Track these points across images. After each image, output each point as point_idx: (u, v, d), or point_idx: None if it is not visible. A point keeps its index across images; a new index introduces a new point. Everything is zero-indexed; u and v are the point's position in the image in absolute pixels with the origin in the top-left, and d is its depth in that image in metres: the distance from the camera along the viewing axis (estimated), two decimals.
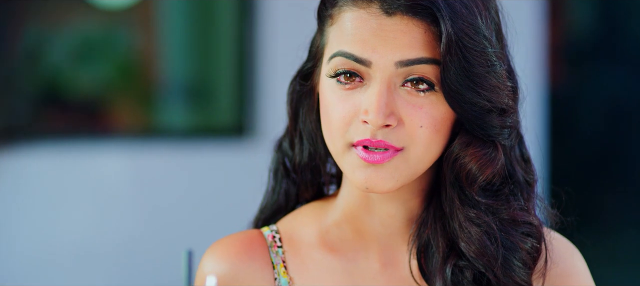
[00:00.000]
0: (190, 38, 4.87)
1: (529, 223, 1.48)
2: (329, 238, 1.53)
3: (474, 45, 1.41)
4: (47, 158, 4.39)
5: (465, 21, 1.40)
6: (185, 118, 4.83)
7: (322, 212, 1.56)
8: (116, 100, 4.76)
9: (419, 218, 1.51)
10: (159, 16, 4.85)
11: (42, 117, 4.62)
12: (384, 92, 1.40)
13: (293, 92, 1.56)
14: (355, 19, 1.42)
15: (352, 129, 1.42)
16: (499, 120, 1.45)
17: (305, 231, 1.55)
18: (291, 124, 1.57)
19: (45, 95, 4.65)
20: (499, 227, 1.46)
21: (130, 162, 4.51)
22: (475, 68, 1.41)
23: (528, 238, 1.47)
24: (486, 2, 1.46)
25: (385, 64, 1.40)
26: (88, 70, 4.74)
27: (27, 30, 4.64)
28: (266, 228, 1.57)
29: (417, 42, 1.40)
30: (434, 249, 1.49)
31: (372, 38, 1.41)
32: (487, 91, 1.42)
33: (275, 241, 1.54)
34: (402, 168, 1.43)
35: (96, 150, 4.48)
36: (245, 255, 1.51)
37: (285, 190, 1.60)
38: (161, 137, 4.65)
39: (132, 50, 4.88)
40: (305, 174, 1.58)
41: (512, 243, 1.46)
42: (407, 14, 1.40)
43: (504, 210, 1.47)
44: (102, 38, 4.83)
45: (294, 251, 1.53)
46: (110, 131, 4.66)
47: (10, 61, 4.59)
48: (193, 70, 4.88)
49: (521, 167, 1.53)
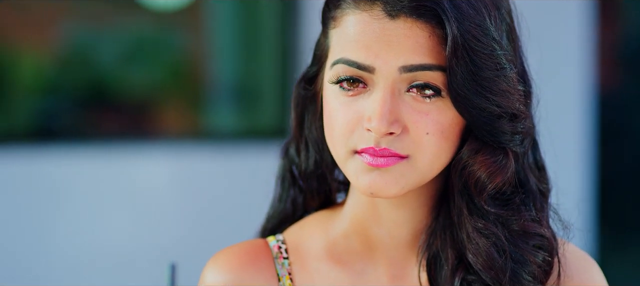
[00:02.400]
0: (237, 40, 4.86)
1: (540, 236, 1.42)
2: (337, 249, 1.49)
3: (482, 48, 1.35)
4: (93, 160, 4.41)
5: (472, 22, 1.34)
6: (232, 121, 4.83)
7: (329, 222, 1.51)
8: (164, 103, 4.78)
9: (428, 229, 1.46)
10: (208, 18, 4.86)
11: (89, 119, 4.65)
12: (388, 98, 1.35)
13: (297, 97, 1.51)
14: (357, 23, 1.37)
15: (356, 136, 1.38)
16: (509, 126, 1.39)
17: (312, 242, 1.50)
18: (296, 130, 1.53)
19: (94, 96, 4.67)
20: (509, 239, 1.40)
21: (176, 164, 4.51)
22: (484, 71, 1.35)
23: (539, 251, 1.42)
24: (496, 1, 1.40)
25: (388, 70, 1.35)
26: (137, 72, 4.76)
27: (77, 31, 4.67)
28: (272, 238, 1.52)
29: (422, 47, 1.35)
30: (443, 261, 1.44)
31: (375, 43, 1.36)
32: (496, 96, 1.36)
33: (281, 252, 1.50)
34: (408, 174, 1.38)
35: (142, 152, 4.49)
36: (249, 265, 1.47)
37: (292, 198, 1.56)
38: (208, 139, 4.65)
39: (182, 52, 4.89)
40: (311, 182, 1.53)
41: (522, 256, 1.41)
42: (411, 16, 1.35)
43: (514, 221, 1.42)
44: (152, 40, 4.85)
45: (301, 262, 1.49)
46: (158, 133, 4.67)
47: (60, 62, 4.63)
48: (240, 72, 4.88)
49: (534, 175, 1.47)
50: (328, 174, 1.52)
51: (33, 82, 4.58)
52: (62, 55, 4.64)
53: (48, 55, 4.63)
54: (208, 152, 4.55)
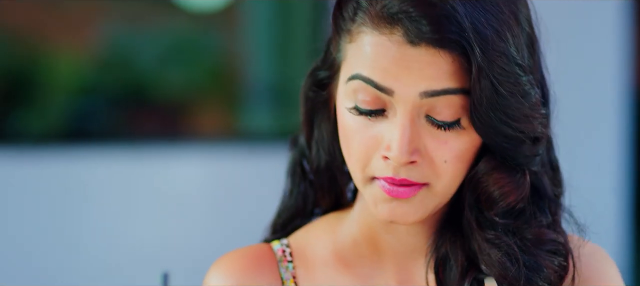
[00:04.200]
0: (274, 41, 4.87)
1: (554, 241, 1.39)
2: (344, 254, 1.46)
3: (507, 77, 1.29)
4: (128, 161, 4.43)
5: (496, 50, 1.29)
6: (268, 122, 4.83)
7: (337, 225, 1.48)
8: (201, 103, 4.79)
9: (437, 232, 1.43)
10: (244, 20, 4.86)
11: (125, 120, 4.68)
12: (408, 126, 1.30)
13: (307, 99, 1.47)
14: (375, 46, 1.30)
15: (374, 164, 1.33)
16: (531, 150, 1.36)
17: (319, 246, 1.47)
18: (307, 128, 1.49)
19: (130, 97, 4.70)
20: (522, 247, 1.37)
21: (211, 165, 4.52)
22: (508, 99, 1.30)
23: (554, 256, 1.38)
24: (517, 14, 1.34)
25: (408, 95, 1.29)
26: (174, 73, 4.78)
27: (114, 32, 4.70)
28: (276, 242, 1.50)
29: (444, 73, 1.28)
30: (452, 263, 1.41)
31: (394, 67, 1.29)
32: (519, 122, 1.32)
33: (286, 256, 1.47)
34: (427, 201, 1.34)
35: (177, 153, 4.51)
36: (252, 270, 1.45)
37: (303, 192, 1.52)
38: (244, 140, 4.66)
39: (218, 53, 4.90)
40: (322, 180, 1.50)
41: (536, 263, 1.37)
42: (434, 46, 1.28)
43: (526, 229, 1.38)
44: (189, 41, 4.86)
45: (306, 267, 1.46)
46: (193, 134, 4.69)
47: (96, 63, 4.66)
48: (276, 73, 4.88)
49: (549, 175, 1.44)
50: (338, 175, 1.49)
51: (69, 83, 4.62)
52: (99, 56, 4.67)
53: (85, 55, 4.66)
54: (243, 153, 4.56)
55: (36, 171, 4.32)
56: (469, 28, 1.27)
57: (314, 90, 1.45)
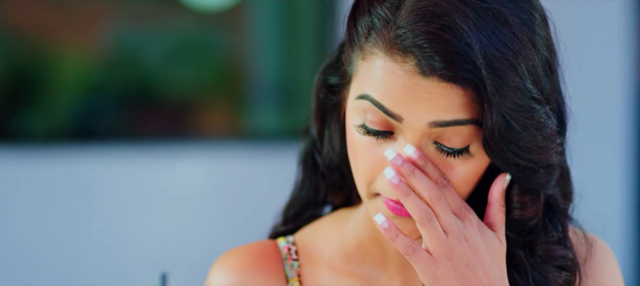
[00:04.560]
0: (280, 41, 4.86)
1: (563, 257, 1.39)
2: (350, 253, 1.45)
3: (521, 112, 1.27)
4: (133, 160, 4.43)
5: (510, 85, 1.26)
6: (274, 121, 4.83)
7: (344, 225, 1.48)
8: (207, 103, 4.78)
9: None
10: (251, 19, 4.86)
11: (131, 119, 4.67)
12: None
13: (318, 98, 1.45)
14: (387, 71, 1.28)
15: (379, 183, 1.32)
16: (545, 177, 1.34)
17: (324, 245, 1.47)
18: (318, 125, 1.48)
19: (136, 96, 4.69)
20: (531, 262, 1.37)
21: (217, 165, 4.52)
22: (520, 133, 1.28)
23: (562, 272, 1.39)
24: (534, 40, 1.30)
25: (417, 123, 1.28)
26: (180, 72, 4.77)
27: (120, 31, 4.70)
28: (282, 239, 1.49)
29: (454, 105, 1.27)
30: None
31: (405, 96, 1.27)
32: (532, 154, 1.30)
33: (291, 254, 1.46)
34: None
35: (183, 153, 4.50)
36: (256, 266, 1.44)
37: (315, 184, 1.51)
38: (250, 139, 4.65)
39: (225, 52, 4.90)
40: (333, 177, 1.49)
41: (544, 278, 1.37)
42: (446, 81, 1.26)
43: (538, 245, 1.38)
44: (195, 40, 4.86)
45: (311, 265, 1.46)
46: (199, 134, 4.68)
47: (102, 62, 4.66)
48: (282, 73, 4.88)
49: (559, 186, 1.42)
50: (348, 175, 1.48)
51: (75, 82, 4.61)
52: (105, 55, 4.66)
53: (91, 55, 4.66)
54: (249, 152, 4.55)
55: (42, 170, 4.32)
56: (482, 65, 1.25)
57: (324, 93, 1.44)
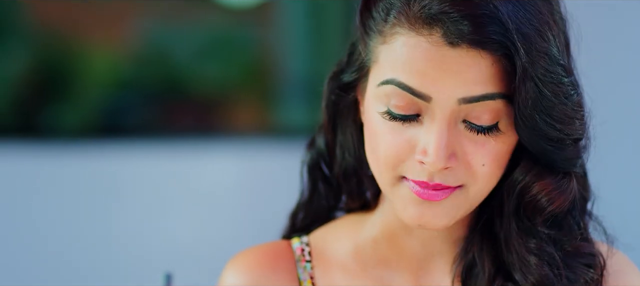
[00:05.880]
0: (309, 37, 4.86)
1: (591, 255, 1.37)
2: (364, 256, 1.43)
3: (551, 78, 1.26)
4: (163, 157, 4.44)
5: (540, 51, 1.25)
6: (304, 117, 4.82)
7: (358, 226, 1.45)
8: (236, 99, 4.79)
9: (465, 239, 1.40)
10: (280, 15, 4.85)
11: (160, 115, 4.68)
12: (445, 131, 1.26)
13: (329, 103, 1.42)
14: (412, 47, 1.25)
15: (406, 166, 1.29)
16: (574, 152, 1.33)
17: (338, 247, 1.44)
18: (330, 133, 1.45)
19: (166, 93, 4.70)
20: (562, 258, 1.34)
21: (246, 161, 4.52)
22: (552, 101, 1.26)
23: (589, 270, 1.36)
24: (555, 16, 1.31)
25: (446, 101, 1.25)
26: (210, 69, 4.78)
27: (150, 28, 4.71)
28: (296, 239, 1.47)
29: (483, 76, 1.24)
30: (478, 270, 1.38)
31: (433, 71, 1.24)
32: (564, 124, 1.28)
33: (304, 255, 1.44)
34: (460, 205, 1.31)
35: (212, 149, 4.51)
36: (268, 267, 1.42)
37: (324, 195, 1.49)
38: (279, 135, 4.65)
39: (254, 48, 4.90)
40: (350, 184, 1.46)
41: (574, 274, 1.35)
42: (475, 47, 1.24)
43: (567, 241, 1.35)
44: (225, 36, 4.86)
45: (325, 267, 1.43)
46: (228, 130, 4.68)
47: (132, 58, 4.67)
48: (312, 69, 4.87)
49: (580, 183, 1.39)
50: (366, 179, 1.45)
51: (104, 78, 4.63)
52: (134, 51, 4.67)
53: (120, 50, 4.67)
54: (279, 149, 4.55)
55: (71, 166, 4.34)
56: (512, 28, 1.24)
57: (338, 93, 1.41)
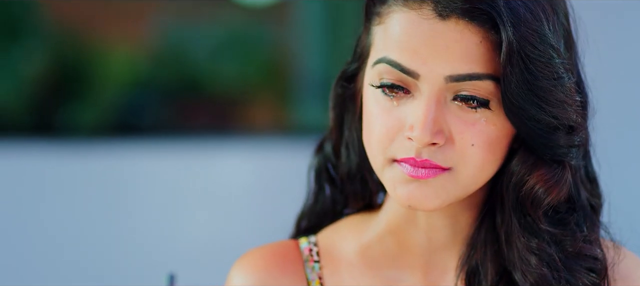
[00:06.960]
0: (326, 36, 4.86)
1: (593, 258, 1.35)
2: (371, 254, 1.42)
3: (539, 55, 1.26)
4: (180, 154, 4.45)
5: (529, 27, 1.25)
6: (320, 116, 4.82)
7: (364, 225, 1.45)
8: (254, 97, 4.79)
9: (470, 240, 1.39)
10: (297, 14, 4.86)
11: (178, 114, 4.69)
12: (432, 107, 1.27)
13: (336, 96, 1.44)
14: (405, 22, 1.29)
15: (395, 145, 1.30)
16: (566, 139, 1.31)
17: (345, 246, 1.44)
18: (336, 132, 1.46)
19: (183, 91, 4.72)
20: (562, 260, 1.33)
21: (263, 159, 4.52)
22: (540, 81, 1.26)
23: (590, 274, 1.35)
24: (554, 5, 1.31)
25: (434, 78, 1.26)
26: (227, 67, 4.79)
27: (168, 26, 4.72)
28: (304, 239, 1.47)
29: (472, 54, 1.26)
30: (482, 275, 1.37)
31: (423, 47, 1.26)
32: (552, 107, 1.28)
33: (312, 255, 1.44)
34: (450, 187, 1.30)
35: (229, 147, 4.51)
36: (277, 268, 1.42)
37: (331, 197, 1.50)
38: (296, 134, 4.65)
39: (272, 47, 4.90)
40: (354, 185, 1.47)
41: (573, 277, 1.34)
42: (464, 19, 1.25)
43: (569, 242, 1.34)
44: (243, 35, 4.87)
45: (332, 266, 1.43)
46: (245, 128, 4.69)
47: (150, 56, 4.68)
48: (329, 67, 4.87)
49: (586, 188, 1.39)
50: (369, 177, 1.45)
51: (122, 76, 4.65)
52: (152, 50, 4.69)
53: (138, 49, 4.69)
54: (295, 147, 4.55)
55: (88, 164, 4.36)
56: (501, 2, 1.25)
57: (343, 85, 1.43)
